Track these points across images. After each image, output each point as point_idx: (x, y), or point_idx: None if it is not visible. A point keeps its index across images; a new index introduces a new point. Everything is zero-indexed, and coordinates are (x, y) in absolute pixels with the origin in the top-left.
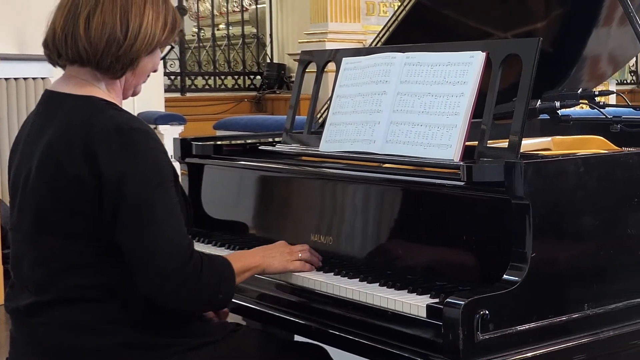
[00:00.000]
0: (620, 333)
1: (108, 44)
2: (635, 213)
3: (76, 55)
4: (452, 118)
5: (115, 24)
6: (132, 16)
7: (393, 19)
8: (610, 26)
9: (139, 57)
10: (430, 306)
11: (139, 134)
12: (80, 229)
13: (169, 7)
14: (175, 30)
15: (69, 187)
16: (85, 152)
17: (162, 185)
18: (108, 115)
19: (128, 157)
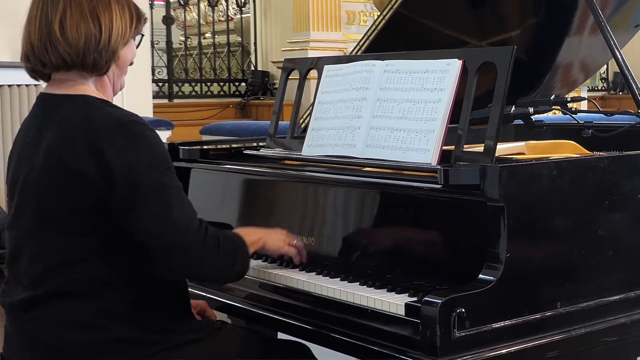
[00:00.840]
0: (591, 330)
1: (87, 42)
2: (606, 215)
3: (60, 60)
4: (429, 123)
5: (87, 22)
6: (101, 13)
7: (373, 28)
8: (582, 35)
9: (117, 49)
10: (409, 304)
11: (138, 125)
12: (80, 225)
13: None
14: (141, 19)
15: (72, 184)
16: (90, 150)
17: (169, 169)
18: (106, 112)
19: (133, 149)
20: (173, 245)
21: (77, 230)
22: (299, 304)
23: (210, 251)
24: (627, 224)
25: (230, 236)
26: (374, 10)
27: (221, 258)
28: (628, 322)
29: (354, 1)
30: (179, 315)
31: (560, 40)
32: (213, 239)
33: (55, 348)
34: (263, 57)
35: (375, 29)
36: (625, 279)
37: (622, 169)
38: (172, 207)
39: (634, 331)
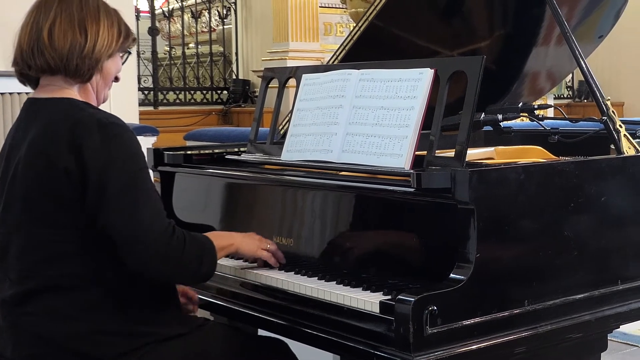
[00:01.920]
0: (557, 327)
1: (71, 49)
2: (572, 217)
3: (44, 64)
4: (403, 130)
5: (75, 31)
6: (89, 23)
7: (349, 39)
8: (549, 45)
9: (101, 59)
10: (383, 302)
11: (117, 127)
12: (65, 220)
13: (121, 18)
14: (129, 36)
15: (56, 179)
16: (71, 146)
17: (142, 171)
18: (89, 112)
19: (109, 148)
20: (137, 242)
21: (61, 225)
22: (278, 302)
23: (174, 251)
24: (592, 225)
25: (199, 238)
26: (350, 21)
27: (186, 258)
28: (592, 320)
29: (331, 13)
30: (165, 310)
31: (528, 51)
32: (179, 240)
33: (46, 340)
34: (244, 66)
35: (351, 39)
36: (590, 278)
37: (586, 173)
38: (139, 206)
39: (597, 328)
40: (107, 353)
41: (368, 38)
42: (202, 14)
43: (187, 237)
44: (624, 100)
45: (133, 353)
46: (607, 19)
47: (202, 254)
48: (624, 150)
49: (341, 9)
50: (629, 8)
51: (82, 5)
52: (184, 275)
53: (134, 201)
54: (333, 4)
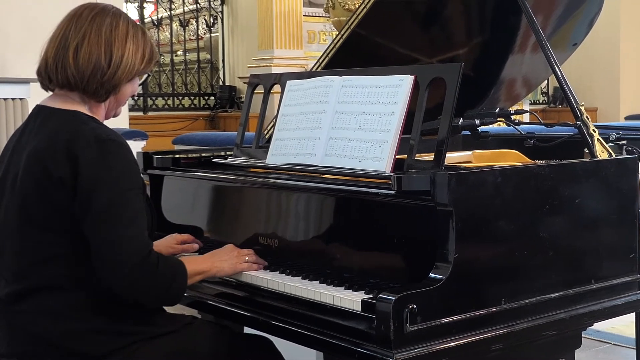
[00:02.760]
0: (533, 325)
1: (93, 72)
2: (547, 218)
3: (65, 81)
4: (384, 134)
5: (100, 55)
6: (115, 48)
7: (332, 46)
8: (525, 53)
9: (120, 84)
10: (365, 301)
11: (115, 144)
12: (59, 224)
13: (147, 41)
14: (152, 60)
15: (52, 188)
16: (68, 156)
17: (131, 191)
18: (90, 127)
19: (104, 164)
20: (110, 260)
21: (54, 230)
22: (264, 300)
23: (145, 274)
24: (566, 227)
25: (171, 263)
26: (332, 29)
27: (155, 283)
28: (567, 318)
29: (315, 21)
30: (155, 310)
31: (505, 58)
32: (152, 265)
33: (40, 338)
34: (230, 73)
35: (334, 47)
36: (565, 277)
37: (561, 176)
38: (120, 225)
39: (572, 326)
40: (98, 350)
41: (350, 46)
42: (190, 23)
43: (160, 261)
44: (598, 106)
45: (123, 350)
46: (581, 27)
47: (174, 278)
48: (597, 154)
49: (324, 18)
50: (602, 17)
51: (113, 27)
52: (150, 299)
53: (116, 219)
54: (316, 13)
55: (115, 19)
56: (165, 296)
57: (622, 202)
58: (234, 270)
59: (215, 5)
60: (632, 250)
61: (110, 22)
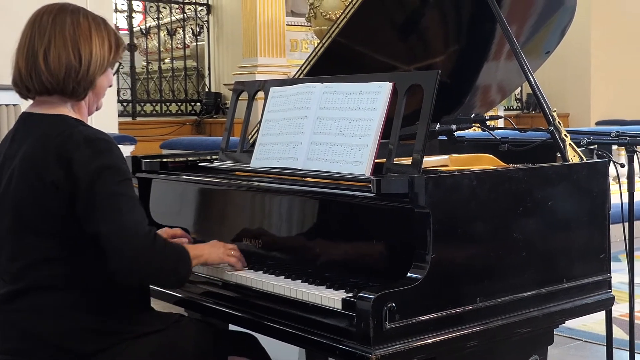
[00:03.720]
0: (507, 322)
1: (67, 73)
2: (520, 220)
3: (42, 87)
4: (363, 139)
5: (69, 55)
6: (82, 46)
7: (313, 54)
8: (499, 60)
9: (95, 79)
10: (345, 300)
11: (104, 142)
12: (51, 228)
13: (110, 30)
14: (119, 48)
15: (45, 192)
16: (60, 160)
17: (126, 182)
18: (78, 130)
19: (96, 161)
20: (123, 246)
21: (49, 233)
22: (248, 299)
23: (156, 255)
24: (539, 228)
25: (175, 246)
26: (314, 38)
27: (166, 262)
28: (540, 315)
29: (297, 30)
30: (143, 309)
31: (480, 65)
32: (160, 245)
33: (32, 336)
34: (216, 80)
35: (316, 55)
36: (537, 276)
37: (534, 179)
38: (123, 213)
39: (545, 323)
40: (88, 348)
41: (331, 54)
42: (177, 32)
43: (167, 244)
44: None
45: (112, 348)
46: (553, 36)
47: (179, 260)
48: (569, 158)
49: (306, 27)
50: (573, 26)
51: (75, 26)
52: (163, 279)
53: (119, 210)
54: (299, 22)
55: (75, 17)
56: (174, 276)
57: (593, 204)
58: (221, 260)
59: (201, 15)
60: (603, 251)
61: (71, 22)
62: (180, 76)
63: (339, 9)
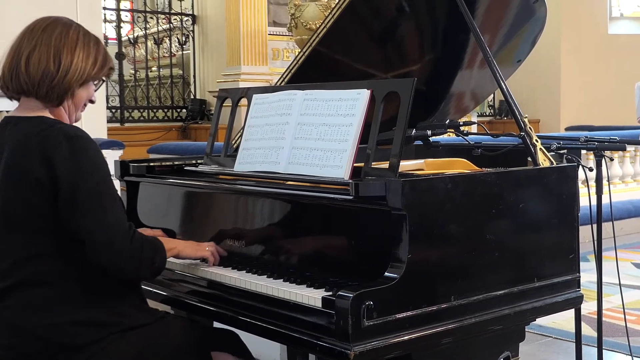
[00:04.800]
0: (480, 320)
1: (43, 77)
2: (493, 221)
3: (19, 87)
4: (342, 144)
5: (49, 61)
6: (64, 55)
7: (294, 63)
8: (473, 68)
9: (72, 87)
10: (325, 298)
11: (83, 140)
12: (38, 225)
13: (100, 49)
14: (105, 66)
15: (31, 190)
16: (42, 158)
17: (105, 180)
18: (57, 128)
19: (76, 159)
20: (105, 243)
21: (37, 231)
22: (231, 297)
23: (135, 250)
24: (511, 229)
25: (151, 240)
26: (295, 47)
27: (143, 256)
28: (512, 313)
29: (279, 40)
30: (129, 303)
31: (454, 73)
32: (138, 240)
33: (25, 331)
34: (201, 87)
35: (297, 63)
36: (510, 276)
37: (506, 182)
38: (104, 209)
39: (516, 321)
40: (78, 341)
41: (311, 62)
42: (164, 41)
43: (144, 238)
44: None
45: (101, 341)
46: (524, 45)
47: (155, 253)
48: (539, 163)
49: (288, 36)
50: (544, 36)
51: (62, 36)
52: (141, 271)
53: (100, 206)
54: (280, 32)
55: (65, 28)
56: (152, 266)
57: (563, 206)
58: (194, 255)
59: (187, 25)
60: (572, 251)
61: (60, 32)
62: (167, 84)
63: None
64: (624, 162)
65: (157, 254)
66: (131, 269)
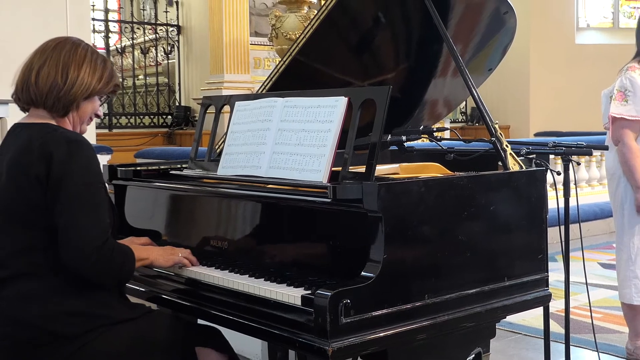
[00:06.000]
0: (453, 317)
1: (51, 89)
2: (465, 223)
3: (28, 98)
4: (321, 149)
5: (57, 75)
6: (71, 70)
7: (275, 71)
8: (446, 77)
9: (77, 100)
10: (304, 296)
11: (82, 144)
12: (34, 220)
13: (107, 67)
14: (110, 83)
15: (31, 186)
16: (43, 156)
17: (94, 185)
18: (60, 132)
19: (72, 160)
20: (73, 245)
21: (31, 224)
22: (214, 296)
23: (102, 257)
24: (482, 231)
25: (123, 248)
26: (276, 56)
27: (111, 265)
28: (483, 311)
29: (260, 49)
30: (118, 298)
31: (428, 81)
32: (109, 249)
33: (19, 320)
34: (186, 95)
35: (277, 72)
36: (481, 275)
37: (478, 186)
38: (83, 212)
39: (487, 318)
40: (70, 331)
41: (291, 71)
42: (150, 50)
43: (115, 246)
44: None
45: (91, 333)
46: (495, 54)
47: (124, 262)
48: (509, 167)
49: (269, 46)
50: (514, 46)
51: (71, 53)
52: (105, 277)
53: (79, 209)
54: (262, 42)
55: (74, 46)
56: (119, 275)
57: (532, 209)
58: (166, 262)
59: (172, 35)
60: (541, 252)
61: (69, 49)
62: (153, 91)
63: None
64: (590, 167)
65: (126, 264)
66: (94, 273)
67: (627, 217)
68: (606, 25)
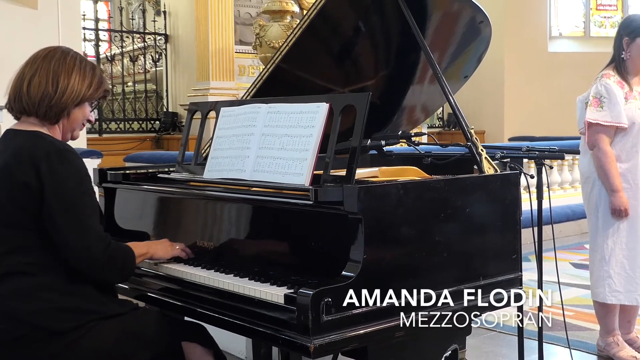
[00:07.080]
0: (430, 315)
1: (42, 97)
2: (442, 225)
3: (21, 107)
4: (303, 153)
5: (47, 84)
6: (62, 78)
7: (259, 78)
8: (423, 84)
9: (68, 107)
10: (287, 295)
11: (70, 154)
12: (25, 222)
13: (96, 74)
14: (99, 89)
15: (20, 191)
16: (32, 166)
17: (86, 192)
18: (48, 141)
19: (62, 170)
20: (82, 250)
21: (22, 226)
22: (201, 294)
23: (109, 257)
24: (458, 232)
25: (124, 247)
26: (260, 64)
27: (113, 264)
28: (459, 309)
29: (245, 57)
30: (107, 294)
31: (406, 88)
32: (111, 249)
33: (11, 316)
34: (173, 101)
35: (261, 79)
36: (457, 275)
37: (454, 189)
38: (82, 219)
39: (464, 316)
40: (61, 326)
41: (275, 78)
42: (139, 58)
43: (116, 247)
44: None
45: (82, 328)
46: (471, 62)
47: (125, 261)
48: (485, 170)
49: (253, 54)
50: (489, 54)
51: (60, 62)
52: (110, 276)
53: (79, 216)
54: (246, 50)
55: (64, 55)
56: (122, 273)
57: (506, 211)
58: (166, 255)
59: (160, 44)
60: (515, 252)
61: (58, 58)
62: (142, 98)
63: (282, 38)
64: (562, 170)
65: (128, 261)
66: (105, 273)
67: (602, 219)
68: (578, 34)
